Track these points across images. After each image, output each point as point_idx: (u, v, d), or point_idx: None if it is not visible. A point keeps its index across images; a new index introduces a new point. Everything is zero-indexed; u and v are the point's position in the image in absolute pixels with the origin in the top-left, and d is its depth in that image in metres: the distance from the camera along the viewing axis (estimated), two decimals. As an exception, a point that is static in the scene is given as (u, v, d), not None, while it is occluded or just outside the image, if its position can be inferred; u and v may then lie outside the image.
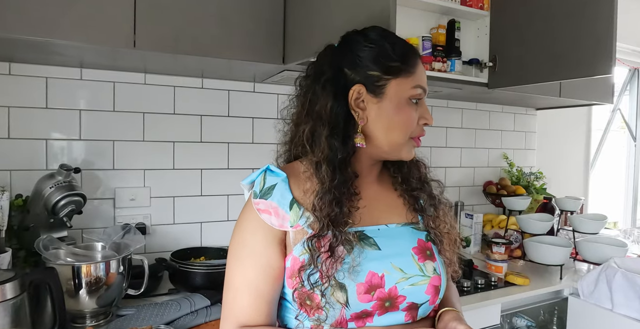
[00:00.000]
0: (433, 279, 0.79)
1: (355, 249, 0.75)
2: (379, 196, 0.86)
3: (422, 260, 0.79)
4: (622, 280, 1.48)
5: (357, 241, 0.76)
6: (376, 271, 0.75)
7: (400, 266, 0.76)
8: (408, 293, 0.76)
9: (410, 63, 0.80)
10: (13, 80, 1.37)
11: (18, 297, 0.92)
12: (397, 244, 0.79)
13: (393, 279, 0.75)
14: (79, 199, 1.29)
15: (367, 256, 0.75)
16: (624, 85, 3.08)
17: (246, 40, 1.30)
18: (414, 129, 0.80)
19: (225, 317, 0.77)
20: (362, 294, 0.73)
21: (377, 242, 0.78)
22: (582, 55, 1.39)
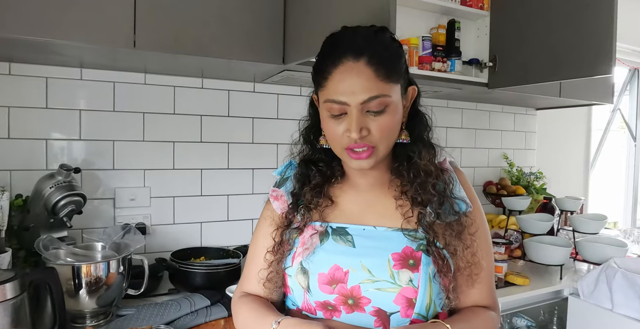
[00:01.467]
0: (405, 290, 0.74)
1: (327, 242, 0.80)
2: (377, 198, 0.84)
3: (397, 267, 0.75)
4: (622, 280, 1.48)
5: (334, 236, 0.81)
6: (342, 265, 0.77)
7: (370, 268, 0.76)
8: (373, 296, 0.75)
9: (323, 75, 0.75)
10: (13, 80, 1.37)
11: (18, 297, 0.92)
12: (377, 246, 0.78)
13: (357, 278, 0.76)
14: (79, 199, 1.29)
15: (338, 250, 0.79)
16: (624, 85, 3.09)
17: (246, 40, 1.30)
18: (341, 140, 0.76)
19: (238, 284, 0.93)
20: (323, 284, 0.77)
21: (355, 240, 0.79)
22: (582, 55, 1.40)
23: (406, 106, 0.80)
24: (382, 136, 0.75)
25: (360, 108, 0.73)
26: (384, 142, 0.76)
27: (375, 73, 0.72)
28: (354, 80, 0.72)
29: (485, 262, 0.80)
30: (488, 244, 0.85)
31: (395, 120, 0.76)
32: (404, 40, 1.63)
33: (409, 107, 0.81)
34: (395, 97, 0.75)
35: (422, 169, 0.79)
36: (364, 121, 0.73)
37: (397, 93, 0.76)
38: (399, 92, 0.76)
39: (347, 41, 0.75)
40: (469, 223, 0.80)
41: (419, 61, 1.66)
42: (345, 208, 0.85)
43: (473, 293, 0.81)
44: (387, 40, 0.77)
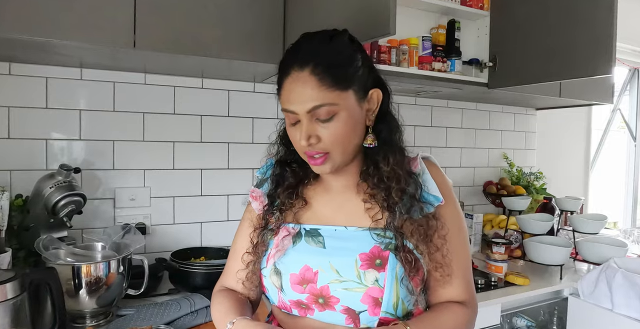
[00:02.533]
0: (371, 290, 0.75)
1: (300, 243, 0.82)
2: (348, 200, 0.85)
3: (364, 267, 0.76)
4: (622, 280, 1.48)
5: (306, 237, 0.83)
6: (312, 266, 0.79)
7: (338, 268, 0.77)
8: (341, 296, 0.77)
9: (278, 84, 0.80)
10: (13, 81, 1.37)
11: (18, 297, 0.92)
12: (346, 246, 0.79)
13: (326, 278, 0.78)
14: (79, 199, 1.29)
15: (309, 251, 0.81)
16: (624, 85, 3.08)
17: (246, 40, 1.30)
18: (299, 146, 0.78)
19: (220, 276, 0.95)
20: (295, 284, 0.80)
21: (325, 241, 0.81)
22: (582, 55, 1.40)
23: (371, 109, 0.80)
24: (333, 143, 0.76)
25: (308, 117, 0.75)
26: (337, 149, 0.77)
27: (320, 82, 0.73)
28: (300, 90, 0.74)
29: (457, 262, 0.81)
30: (461, 242, 0.83)
31: (346, 127, 0.76)
32: (404, 40, 1.63)
33: (376, 110, 0.80)
34: (344, 104, 0.75)
35: (386, 175, 0.79)
36: (314, 128, 0.75)
37: (349, 99, 0.75)
38: (351, 98, 0.76)
39: (298, 50, 0.78)
40: (439, 226, 0.80)
41: (419, 61, 1.66)
42: (318, 209, 0.86)
43: (447, 290, 0.81)
44: (341, 45, 0.77)
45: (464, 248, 0.84)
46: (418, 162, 0.84)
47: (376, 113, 0.81)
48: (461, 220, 0.85)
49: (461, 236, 0.84)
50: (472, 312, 0.82)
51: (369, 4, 1.00)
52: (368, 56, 0.82)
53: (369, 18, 0.99)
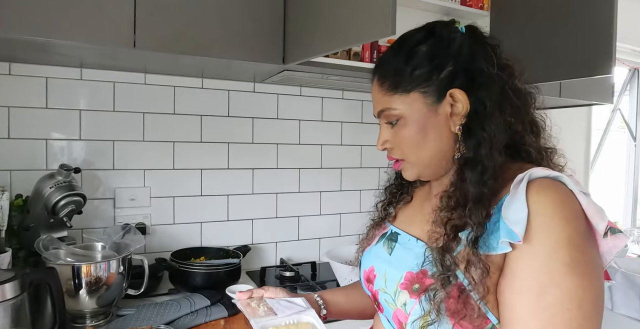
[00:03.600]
0: (398, 311, 0.69)
1: (379, 244, 0.81)
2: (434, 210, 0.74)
3: (402, 287, 0.69)
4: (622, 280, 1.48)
5: (385, 239, 0.80)
6: (375, 268, 0.78)
7: (387, 278, 0.73)
8: (383, 305, 0.75)
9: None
10: (13, 81, 1.37)
11: (18, 297, 0.92)
12: (404, 259, 0.72)
13: (378, 284, 0.76)
14: (79, 199, 1.29)
15: (378, 254, 0.79)
16: (624, 85, 3.08)
17: (246, 40, 1.30)
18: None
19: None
20: (364, 280, 0.81)
21: (395, 248, 0.77)
22: (582, 56, 1.40)
23: (456, 113, 0.69)
24: (402, 149, 0.72)
25: (381, 121, 0.75)
26: (410, 156, 0.72)
27: (380, 87, 0.73)
28: (373, 97, 0.76)
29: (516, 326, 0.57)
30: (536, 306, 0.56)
31: (411, 133, 0.70)
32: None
33: (464, 114, 0.68)
34: (406, 108, 0.70)
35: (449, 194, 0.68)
36: (387, 134, 0.74)
37: (414, 103, 0.69)
38: (418, 101, 0.69)
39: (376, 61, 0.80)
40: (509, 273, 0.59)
41: (419, 61, 1.66)
42: (411, 213, 0.83)
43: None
44: (412, 43, 0.71)
45: (545, 316, 0.55)
46: (516, 181, 0.62)
47: (462, 118, 0.68)
48: (550, 277, 0.56)
49: (543, 300, 0.55)
50: None
51: (369, 4, 1.00)
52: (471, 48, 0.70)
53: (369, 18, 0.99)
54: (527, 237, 0.57)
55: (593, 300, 0.55)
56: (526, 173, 0.61)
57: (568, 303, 0.54)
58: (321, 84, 1.72)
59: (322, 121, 1.87)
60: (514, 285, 0.58)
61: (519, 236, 0.56)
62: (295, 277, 1.59)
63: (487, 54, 0.70)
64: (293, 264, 1.68)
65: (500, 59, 0.72)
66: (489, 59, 0.70)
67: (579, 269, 0.55)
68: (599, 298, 0.56)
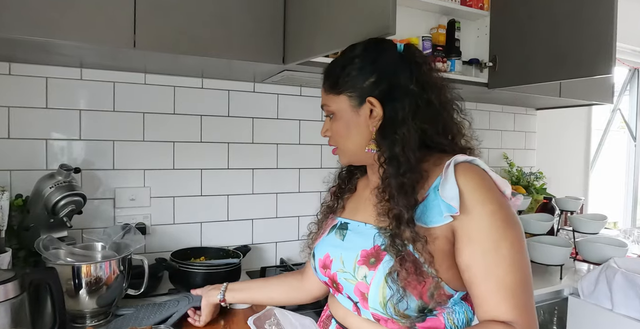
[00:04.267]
0: (359, 284, 0.80)
1: (331, 234, 0.92)
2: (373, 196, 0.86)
3: (360, 263, 0.80)
4: (622, 280, 1.48)
5: (337, 229, 0.92)
6: (330, 255, 0.88)
7: (344, 260, 0.84)
8: (344, 285, 0.84)
9: None
10: (13, 81, 1.37)
11: (18, 297, 0.92)
12: (356, 241, 0.85)
13: (335, 266, 0.86)
14: (79, 199, 1.29)
15: (332, 242, 0.90)
16: (624, 85, 3.09)
17: (246, 40, 1.30)
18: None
19: None
20: (320, 267, 0.90)
21: (347, 235, 0.89)
22: (582, 55, 1.40)
23: (374, 116, 0.83)
24: (334, 138, 0.89)
25: (325, 113, 0.92)
26: (339, 144, 0.89)
27: (323, 86, 0.91)
28: (321, 91, 0.93)
29: (494, 281, 0.72)
30: (499, 260, 0.72)
31: (340, 127, 0.87)
32: (404, 40, 1.63)
33: (379, 118, 0.82)
34: (337, 107, 0.87)
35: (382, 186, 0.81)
36: (327, 123, 0.91)
37: (341, 103, 0.86)
38: (344, 102, 0.85)
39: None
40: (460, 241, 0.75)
41: (419, 61, 1.66)
42: (356, 203, 0.95)
43: (485, 308, 0.73)
44: (350, 55, 0.87)
45: (505, 264, 0.72)
46: (444, 167, 0.77)
47: (378, 121, 0.82)
48: (498, 234, 0.72)
49: (500, 252, 0.72)
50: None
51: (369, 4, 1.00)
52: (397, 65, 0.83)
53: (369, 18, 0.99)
54: (465, 209, 0.73)
55: (523, 238, 0.75)
56: (451, 159, 0.77)
57: (517, 247, 0.73)
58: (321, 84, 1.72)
59: (322, 120, 1.86)
60: (471, 247, 0.73)
61: (456, 208, 0.72)
62: (295, 277, 1.59)
63: (411, 71, 0.82)
64: (293, 264, 1.68)
65: (424, 76, 0.83)
66: (410, 76, 0.82)
67: (512, 222, 0.74)
68: (523, 234, 0.76)
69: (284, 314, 0.91)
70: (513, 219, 0.75)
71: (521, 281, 0.73)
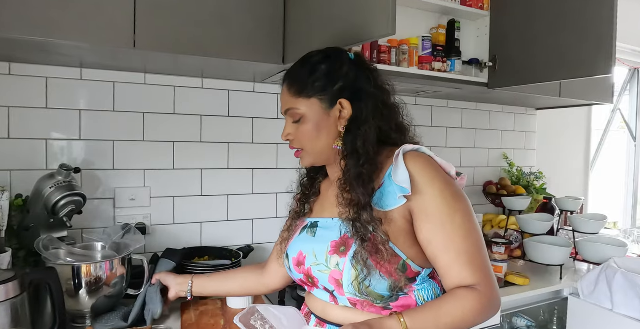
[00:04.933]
0: (333, 272, 0.85)
1: (302, 234, 0.96)
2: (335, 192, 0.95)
3: (331, 253, 0.87)
4: (622, 280, 1.48)
5: (308, 228, 0.96)
6: (303, 251, 0.93)
7: (316, 253, 0.89)
8: (319, 277, 0.89)
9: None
10: (13, 81, 1.37)
11: (18, 297, 0.92)
12: (326, 235, 0.91)
13: (309, 261, 0.91)
14: (79, 199, 1.29)
15: (304, 239, 0.95)
16: (624, 85, 3.09)
17: (246, 40, 1.30)
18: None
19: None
20: (295, 265, 0.94)
21: (317, 231, 0.94)
22: (582, 55, 1.40)
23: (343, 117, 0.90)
24: (301, 141, 0.93)
25: (287, 118, 0.95)
26: (307, 147, 0.93)
27: (288, 91, 0.93)
28: (282, 97, 0.96)
29: (454, 249, 0.81)
30: (454, 229, 0.81)
31: (310, 129, 0.91)
32: (404, 40, 1.63)
33: (345, 118, 0.90)
34: (307, 110, 0.90)
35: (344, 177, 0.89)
36: (290, 128, 0.94)
37: (313, 106, 0.90)
38: (315, 105, 0.90)
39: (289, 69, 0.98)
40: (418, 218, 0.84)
41: (419, 61, 1.66)
42: (324, 202, 1.00)
43: (450, 277, 0.82)
44: (314, 62, 0.92)
45: (461, 233, 0.82)
46: (394, 156, 0.87)
47: (346, 121, 0.90)
48: (450, 208, 0.82)
49: (455, 224, 0.82)
50: (484, 294, 0.79)
51: (369, 4, 1.00)
52: (356, 72, 0.91)
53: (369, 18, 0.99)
54: (417, 190, 0.82)
55: (472, 210, 0.85)
56: (400, 149, 0.86)
57: (468, 217, 0.83)
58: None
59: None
60: (429, 223, 0.83)
61: (408, 189, 0.81)
62: (295, 277, 1.59)
63: (367, 77, 0.92)
64: (293, 264, 1.68)
65: (377, 81, 0.93)
66: (368, 81, 0.92)
67: (459, 196, 0.84)
68: (471, 205, 0.86)
69: (266, 309, 0.92)
70: (460, 194, 0.85)
71: (476, 246, 0.82)
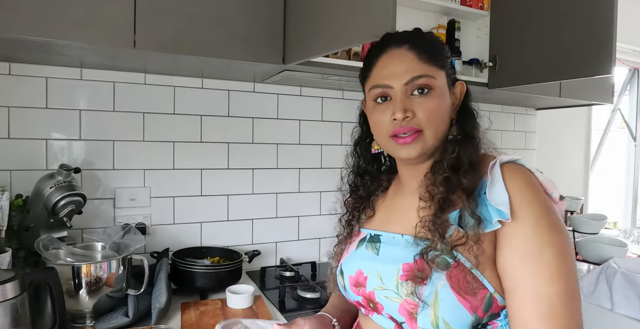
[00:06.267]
0: (406, 302, 0.71)
1: (360, 248, 0.83)
2: (412, 204, 0.80)
3: (403, 278, 0.72)
4: (622, 280, 1.48)
5: (367, 242, 0.83)
6: (363, 271, 0.79)
7: (382, 276, 0.76)
8: (384, 303, 0.75)
9: (368, 67, 0.81)
10: (13, 81, 1.37)
11: (18, 297, 0.92)
12: (395, 254, 0.76)
13: (372, 284, 0.77)
14: (79, 199, 1.29)
15: (364, 256, 0.81)
16: (624, 85, 3.08)
17: (246, 40, 1.30)
18: (386, 127, 0.77)
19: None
20: (352, 285, 0.81)
21: (380, 248, 0.80)
22: (582, 55, 1.40)
23: (455, 103, 0.81)
24: (428, 119, 0.74)
25: (404, 90, 0.75)
26: (431, 127, 0.75)
27: (419, 56, 0.75)
28: (397, 64, 0.76)
29: (530, 297, 0.64)
30: (537, 273, 0.64)
31: (442, 104, 0.76)
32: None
33: (459, 104, 0.81)
34: (440, 82, 0.76)
35: (450, 163, 0.74)
36: (409, 103, 0.75)
37: (442, 79, 0.77)
38: (444, 79, 0.77)
39: (390, 36, 0.81)
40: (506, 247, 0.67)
41: (419, 61, 1.66)
42: (386, 214, 0.86)
43: (520, 320, 0.65)
44: (430, 35, 0.81)
45: (547, 274, 0.64)
46: (489, 167, 0.72)
47: (458, 107, 0.81)
48: (542, 240, 0.65)
49: (542, 260, 0.65)
50: None
51: (369, 4, 1.00)
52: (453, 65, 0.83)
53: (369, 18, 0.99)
54: (513, 213, 0.67)
55: (571, 247, 0.68)
56: (496, 159, 0.72)
57: (561, 255, 0.65)
58: (321, 84, 1.72)
59: (322, 120, 1.87)
60: (514, 254, 0.66)
61: (507, 215, 0.66)
62: (295, 277, 1.59)
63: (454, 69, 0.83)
64: (293, 264, 1.68)
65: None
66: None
67: (558, 228, 0.67)
68: (571, 243, 0.72)
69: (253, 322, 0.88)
70: (559, 225, 0.68)
71: (563, 296, 0.63)
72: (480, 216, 0.69)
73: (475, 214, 0.69)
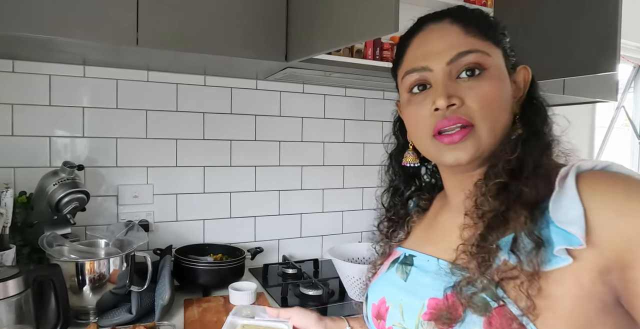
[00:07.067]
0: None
1: (390, 270, 0.68)
2: (459, 220, 0.61)
3: (427, 317, 0.56)
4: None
5: (399, 264, 0.67)
6: (387, 300, 0.65)
7: (404, 309, 0.61)
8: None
9: (399, 51, 0.65)
10: (16, 78, 1.37)
11: (22, 293, 0.93)
12: (423, 284, 0.61)
13: (392, 318, 0.63)
14: (83, 196, 1.29)
15: (390, 281, 0.66)
16: (628, 82, 3.07)
17: (249, 37, 1.30)
18: (427, 123, 0.58)
19: None
20: (373, 316, 0.67)
21: (410, 272, 0.64)
22: (586, 53, 1.39)
23: (518, 94, 0.62)
24: (482, 107, 0.55)
25: (447, 72, 0.57)
26: (485, 120, 0.56)
27: (465, 29, 0.58)
28: (436, 41, 0.59)
29: None
30: None
31: (500, 89, 0.57)
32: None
33: (523, 96, 0.62)
34: (497, 60, 0.58)
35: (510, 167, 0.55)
36: (454, 88, 0.56)
37: (499, 59, 0.59)
38: (501, 59, 0.60)
39: (426, 15, 0.65)
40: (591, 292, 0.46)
41: (421, 58, 1.65)
42: (429, 230, 0.70)
43: None
44: (478, 9, 0.63)
45: None
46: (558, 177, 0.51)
47: (522, 99, 0.62)
48: None
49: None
50: None
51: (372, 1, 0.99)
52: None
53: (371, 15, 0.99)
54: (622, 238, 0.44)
55: None
56: (571, 166, 0.51)
57: None
58: (324, 82, 1.72)
59: (325, 118, 1.87)
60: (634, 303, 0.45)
61: (578, 238, 0.45)
62: (297, 274, 1.60)
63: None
64: (295, 262, 1.69)
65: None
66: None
67: None
68: None
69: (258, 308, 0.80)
70: None
71: None
72: (541, 238, 0.48)
73: (534, 234, 0.48)
